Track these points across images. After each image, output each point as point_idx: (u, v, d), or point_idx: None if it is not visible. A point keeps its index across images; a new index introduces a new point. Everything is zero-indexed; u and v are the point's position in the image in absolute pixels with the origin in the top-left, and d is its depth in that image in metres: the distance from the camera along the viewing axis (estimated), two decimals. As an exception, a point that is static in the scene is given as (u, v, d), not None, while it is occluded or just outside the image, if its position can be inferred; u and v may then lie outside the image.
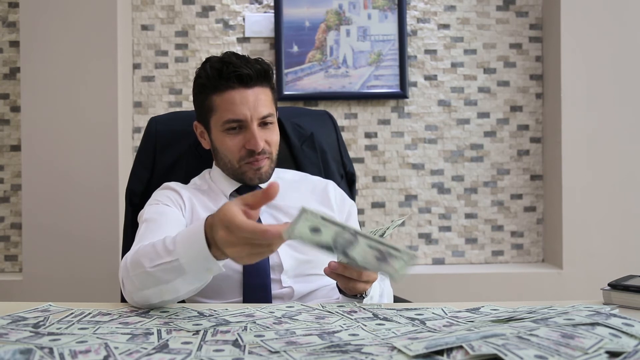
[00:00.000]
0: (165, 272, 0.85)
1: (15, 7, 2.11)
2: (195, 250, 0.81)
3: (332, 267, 0.93)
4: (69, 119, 1.96)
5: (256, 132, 1.15)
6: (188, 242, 0.83)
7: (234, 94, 1.15)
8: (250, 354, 0.64)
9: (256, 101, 1.16)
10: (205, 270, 0.83)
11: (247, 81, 1.15)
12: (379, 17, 2.13)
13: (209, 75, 1.17)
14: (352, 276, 0.92)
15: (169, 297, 0.88)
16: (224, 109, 1.16)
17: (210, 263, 0.81)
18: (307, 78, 2.12)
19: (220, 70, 1.15)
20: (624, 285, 0.88)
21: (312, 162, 1.44)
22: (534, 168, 2.17)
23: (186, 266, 0.83)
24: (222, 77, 1.15)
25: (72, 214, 1.95)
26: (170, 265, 0.84)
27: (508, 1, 2.16)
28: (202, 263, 0.81)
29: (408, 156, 2.16)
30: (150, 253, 0.88)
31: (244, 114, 1.15)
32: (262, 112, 1.16)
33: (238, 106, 1.15)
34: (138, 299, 0.90)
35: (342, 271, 0.92)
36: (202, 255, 0.81)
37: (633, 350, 0.62)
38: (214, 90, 1.17)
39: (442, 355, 0.62)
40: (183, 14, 2.14)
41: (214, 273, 0.84)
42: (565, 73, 2.01)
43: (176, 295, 0.87)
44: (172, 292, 0.86)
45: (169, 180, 1.28)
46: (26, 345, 0.66)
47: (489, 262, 2.17)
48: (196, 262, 0.82)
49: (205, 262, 0.81)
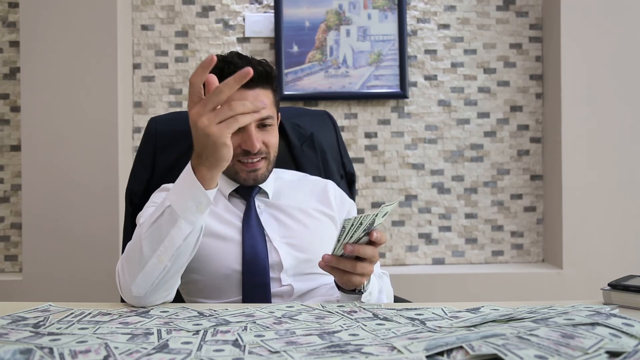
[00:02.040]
0: (159, 228, 0.91)
1: (15, 7, 2.11)
2: (183, 187, 0.90)
3: (326, 260, 0.93)
4: (69, 119, 1.96)
5: (253, 132, 1.15)
6: (177, 186, 0.92)
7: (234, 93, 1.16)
8: (250, 354, 0.64)
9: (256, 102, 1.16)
10: (196, 208, 0.89)
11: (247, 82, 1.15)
12: (379, 17, 2.13)
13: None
14: (346, 268, 0.93)
15: (167, 258, 0.91)
16: None
17: (198, 194, 0.88)
18: (307, 78, 2.12)
19: (221, 70, 1.15)
20: (624, 285, 0.88)
21: (312, 162, 1.44)
22: (534, 168, 2.17)
23: (177, 209, 0.89)
24: (223, 77, 1.15)
25: (72, 214, 1.95)
26: (164, 216, 0.90)
27: (508, 1, 2.16)
28: (191, 198, 0.89)
29: (408, 156, 2.16)
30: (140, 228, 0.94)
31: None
32: (261, 113, 1.16)
33: None
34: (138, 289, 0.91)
35: (336, 263, 0.93)
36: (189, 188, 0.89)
37: (633, 350, 0.62)
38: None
39: (442, 356, 0.62)
40: (183, 14, 2.14)
41: (203, 209, 0.90)
42: (565, 73, 2.01)
43: (173, 250, 0.91)
44: (169, 248, 0.90)
45: (169, 181, 1.28)
46: (26, 345, 0.66)
47: (489, 262, 2.17)
48: (186, 201, 0.89)
49: (194, 195, 0.89)
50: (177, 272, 0.95)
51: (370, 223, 0.89)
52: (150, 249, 0.91)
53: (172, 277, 0.94)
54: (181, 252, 0.92)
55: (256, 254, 1.14)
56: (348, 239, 0.89)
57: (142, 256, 0.92)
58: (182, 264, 0.94)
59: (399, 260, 2.16)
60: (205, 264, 1.14)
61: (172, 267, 0.93)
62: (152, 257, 0.91)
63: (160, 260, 0.91)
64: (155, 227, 0.91)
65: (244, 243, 1.15)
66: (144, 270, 0.91)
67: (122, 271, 0.95)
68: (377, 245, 0.93)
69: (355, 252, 0.91)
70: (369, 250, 0.92)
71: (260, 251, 1.15)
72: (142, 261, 0.91)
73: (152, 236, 0.91)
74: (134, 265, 0.92)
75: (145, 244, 0.91)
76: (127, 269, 0.93)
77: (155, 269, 0.91)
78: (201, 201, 0.90)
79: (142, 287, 0.91)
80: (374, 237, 0.92)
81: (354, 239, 0.90)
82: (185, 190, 0.90)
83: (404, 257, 2.16)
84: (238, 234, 1.17)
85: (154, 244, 0.91)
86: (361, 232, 0.89)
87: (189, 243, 0.92)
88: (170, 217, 0.90)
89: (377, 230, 0.92)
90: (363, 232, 0.90)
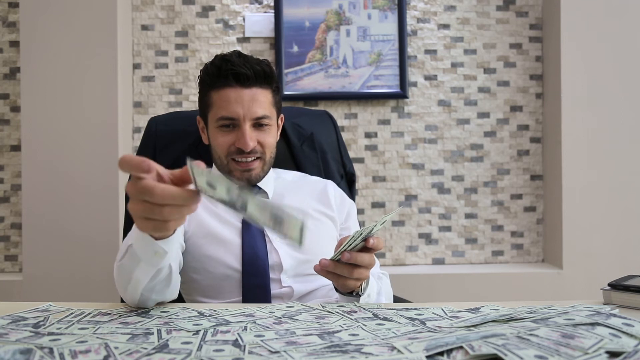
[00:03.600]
0: (127, 263, 0.85)
1: (15, 7, 2.11)
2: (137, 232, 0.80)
3: (323, 264, 0.93)
4: (69, 119, 1.96)
5: (247, 131, 1.16)
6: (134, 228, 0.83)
7: (230, 92, 1.17)
8: (250, 354, 0.64)
9: (252, 101, 1.16)
10: (154, 254, 0.80)
11: (243, 80, 1.16)
12: (379, 17, 2.13)
13: (208, 72, 1.20)
14: (343, 274, 0.92)
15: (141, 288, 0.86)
16: (219, 106, 1.17)
17: (151, 245, 0.79)
18: (307, 78, 2.12)
19: (219, 68, 1.17)
20: (624, 285, 0.88)
21: (312, 162, 1.44)
22: (534, 168, 2.17)
23: (138, 251, 0.81)
24: (221, 75, 1.17)
25: (72, 214, 1.95)
26: (128, 254, 0.85)
27: (508, 1, 2.16)
28: (147, 246, 0.80)
29: (408, 156, 2.16)
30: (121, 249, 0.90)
31: (237, 113, 1.16)
32: (256, 112, 1.17)
33: (232, 104, 1.16)
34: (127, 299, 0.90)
35: (333, 268, 0.92)
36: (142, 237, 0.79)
37: (633, 350, 0.62)
38: (212, 86, 1.19)
39: (442, 356, 0.62)
40: (183, 14, 2.14)
41: (163, 256, 0.81)
42: (565, 73, 2.01)
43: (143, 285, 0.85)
44: (140, 282, 0.85)
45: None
46: (26, 345, 0.66)
47: (489, 262, 2.17)
48: (143, 247, 0.80)
49: (148, 244, 0.79)
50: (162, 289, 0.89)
51: (369, 232, 0.90)
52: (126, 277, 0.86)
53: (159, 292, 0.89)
54: (155, 285, 0.87)
55: (256, 255, 1.14)
56: (346, 247, 0.90)
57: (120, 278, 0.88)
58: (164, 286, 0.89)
59: (399, 260, 2.16)
60: (205, 264, 1.14)
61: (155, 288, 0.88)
62: (130, 282, 0.86)
63: (136, 288, 0.86)
64: (123, 261, 0.87)
65: (244, 243, 1.15)
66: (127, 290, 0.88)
67: (115, 277, 0.92)
68: (373, 251, 0.93)
69: (353, 260, 0.90)
70: (365, 257, 0.91)
71: (261, 251, 1.15)
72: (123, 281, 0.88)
73: (124, 269, 0.87)
74: (121, 279, 0.89)
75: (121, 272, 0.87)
76: (117, 277, 0.90)
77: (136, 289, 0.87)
78: (157, 249, 0.80)
79: (132, 298, 0.89)
80: (371, 244, 0.91)
81: (352, 247, 0.90)
82: (141, 237, 0.80)
83: (404, 257, 2.16)
84: (238, 234, 1.17)
85: (126, 275, 0.86)
86: (360, 240, 0.90)
87: (161, 280, 0.87)
88: (133, 257, 0.83)
89: (374, 237, 0.92)
90: (362, 240, 0.91)
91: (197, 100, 2.13)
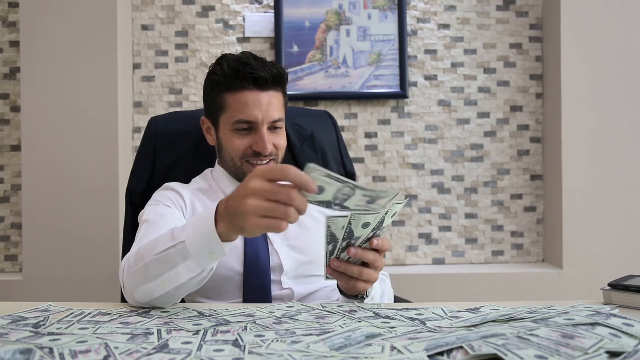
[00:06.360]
0: (169, 257, 0.85)
1: (15, 7, 2.11)
2: (200, 230, 0.83)
3: (334, 265, 0.92)
4: (69, 119, 1.96)
5: (265, 135, 1.15)
6: (196, 224, 0.84)
7: (248, 95, 1.15)
8: (250, 354, 0.64)
9: (269, 105, 1.15)
10: (209, 254, 0.83)
11: (262, 84, 1.15)
12: (379, 17, 2.13)
13: (224, 73, 1.15)
14: (353, 274, 0.92)
15: (171, 286, 0.87)
16: (236, 109, 1.15)
17: (214, 245, 0.82)
18: (307, 78, 2.12)
19: (237, 70, 1.14)
20: (624, 285, 0.88)
21: (312, 162, 1.43)
22: (534, 168, 2.17)
23: (190, 248, 0.83)
24: (238, 77, 1.14)
25: (72, 214, 1.95)
26: (175, 249, 0.85)
27: (508, 1, 2.16)
28: (207, 245, 0.82)
29: (408, 156, 2.16)
30: (154, 243, 0.89)
31: (256, 116, 1.14)
32: (273, 115, 1.16)
33: (251, 108, 1.14)
34: (139, 296, 0.89)
35: (345, 269, 0.91)
36: (207, 234, 0.82)
37: (633, 350, 0.62)
38: (227, 88, 1.16)
39: (442, 356, 0.62)
40: (183, 14, 2.14)
41: (217, 257, 0.84)
42: (565, 73, 2.01)
43: (178, 283, 0.86)
44: (174, 280, 0.86)
45: (169, 180, 1.28)
46: (26, 345, 0.66)
47: (489, 262, 2.17)
48: (201, 244, 0.83)
49: (210, 243, 0.82)
50: (179, 296, 0.91)
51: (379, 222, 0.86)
52: (156, 272, 0.87)
53: (174, 298, 0.91)
54: (186, 285, 0.88)
55: (257, 256, 1.14)
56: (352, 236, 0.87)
57: (147, 273, 0.88)
58: (186, 292, 0.90)
59: (399, 260, 2.16)
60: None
61: (176, 293, 0.89)
62: (156, 279, 0.87)
63: (164, 286, 0.87)
64: (164, 255, 0.86)
65: (246, 245, 1.15)
66: (146, 286, 0.88)
67: (128, 272, 0.92)
68: (379, 252, 0.92)
69: (359, 255, 0.90)
70: (370, 255, 0.90)
71: (262, 253, 1.14)
72: (147, 278, 0.88)
73: (159, 262, 0.87)
74: (139, 276, 0.89)
75: (152, 266, 0.87)
76: (134, 274, 0.90)
77: (157, 289, 0.88)
78: (215, 250, 0.83)
79: (144, 297, 0.89)
80: (374, 244, 0.90)
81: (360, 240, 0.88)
82: (202, 235, 0.83)
83: (404, 257, 2.16)
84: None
85: (160, 270, 0.87)
86: (369, 232, 0.87)
87: (195, 282, 0.88)
88: (181, 252, 0.85)
89: (379, 237, 0.90)
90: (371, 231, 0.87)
91: (197, 100, 2.15)
